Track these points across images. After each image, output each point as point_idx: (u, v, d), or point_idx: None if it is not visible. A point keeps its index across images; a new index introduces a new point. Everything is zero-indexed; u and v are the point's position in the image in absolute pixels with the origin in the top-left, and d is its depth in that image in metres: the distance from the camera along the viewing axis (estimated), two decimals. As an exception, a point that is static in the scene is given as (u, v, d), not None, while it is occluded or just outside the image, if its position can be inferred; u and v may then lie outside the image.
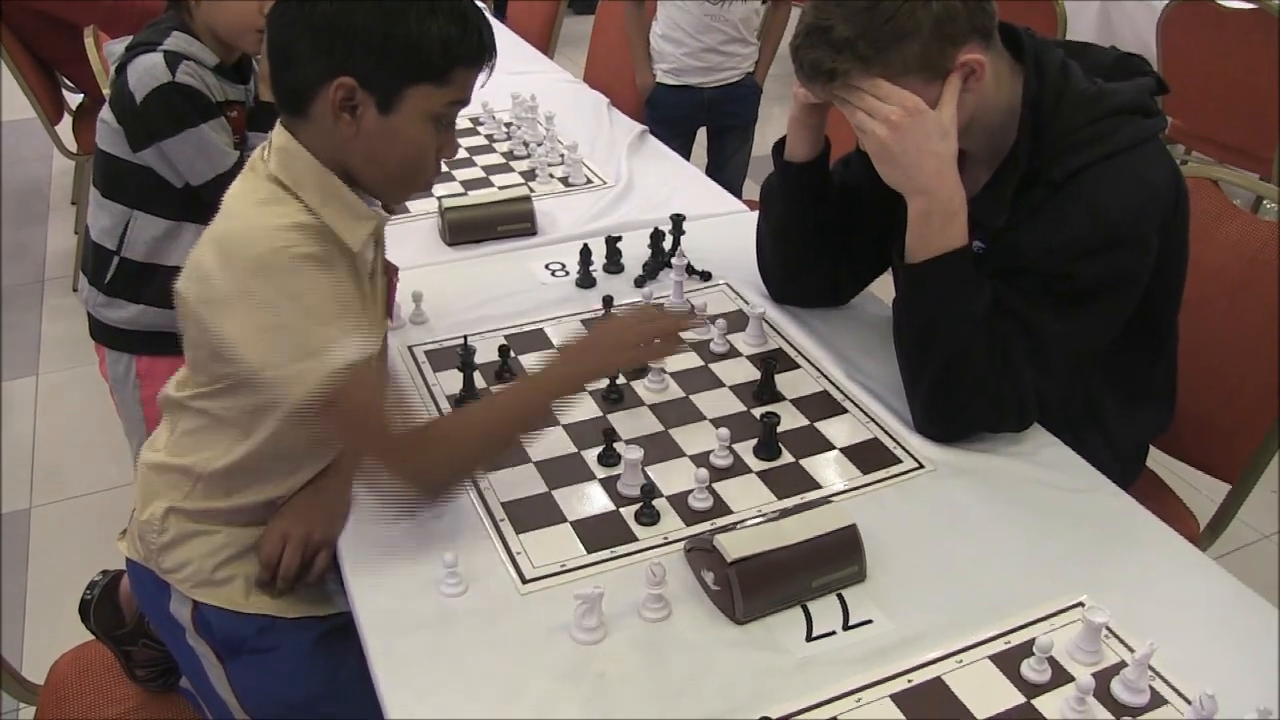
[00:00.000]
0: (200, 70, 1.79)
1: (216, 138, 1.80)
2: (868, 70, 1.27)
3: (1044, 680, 1.04)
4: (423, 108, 1.14)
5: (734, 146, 3.08)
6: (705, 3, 2.82)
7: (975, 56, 1.27)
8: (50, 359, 3.13)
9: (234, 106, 1.86)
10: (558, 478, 1.32)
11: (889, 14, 1.24)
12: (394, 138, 1.14)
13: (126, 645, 1.44)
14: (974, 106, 1.32)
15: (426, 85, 1.13)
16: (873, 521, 1.22)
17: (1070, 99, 1.32)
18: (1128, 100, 1.33)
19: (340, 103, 1.11)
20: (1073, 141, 1.31)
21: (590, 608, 1.09)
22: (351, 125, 1.13)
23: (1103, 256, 1.30)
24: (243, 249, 1.10)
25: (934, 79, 1.28)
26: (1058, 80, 1.33)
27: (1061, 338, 1.34)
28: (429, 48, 1.11)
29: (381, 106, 1.12)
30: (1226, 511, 1.72)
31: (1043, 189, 1.33)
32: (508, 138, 2.36)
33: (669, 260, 1.76)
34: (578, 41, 3.62)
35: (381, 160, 1.17)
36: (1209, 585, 1.18)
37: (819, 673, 1.06)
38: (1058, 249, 1.31)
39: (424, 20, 1.10)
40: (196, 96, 1.78)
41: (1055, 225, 1.31)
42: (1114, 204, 1.29)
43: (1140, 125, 1.33)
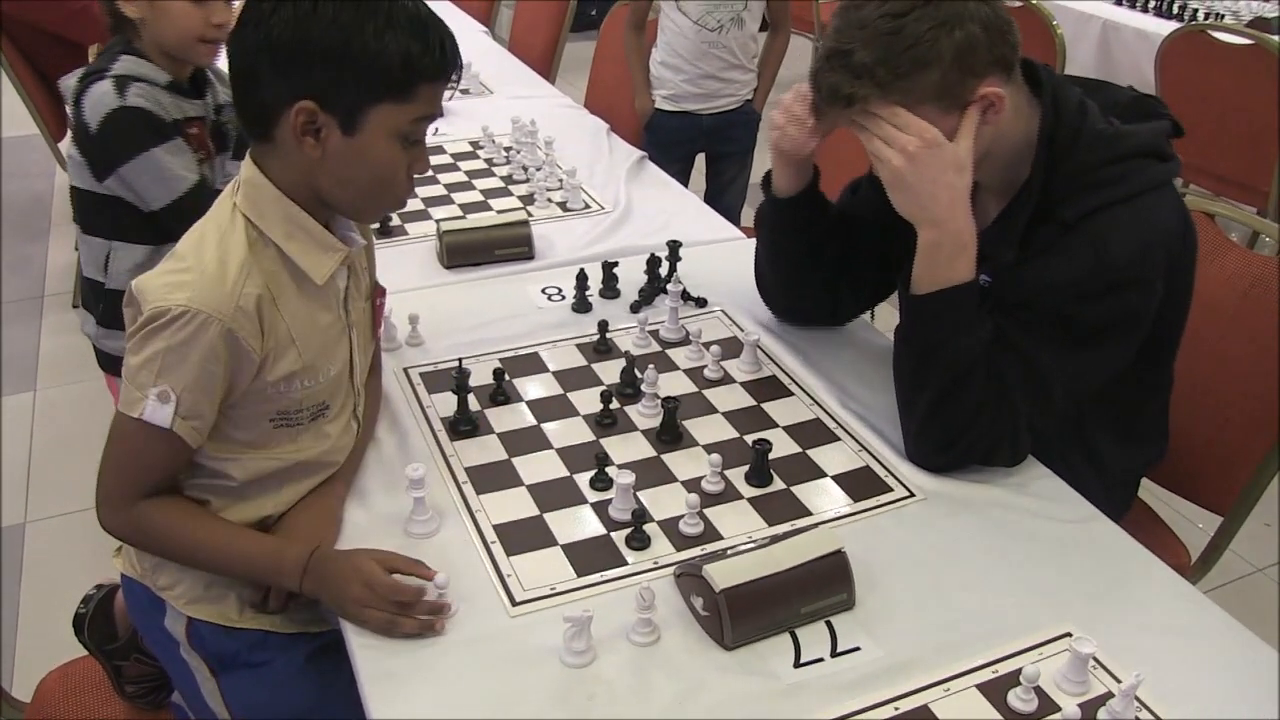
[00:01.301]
0: (152, 90, 1.77)
1: (171, 161, 1.78)
2: (886, 97, 1.27)
3: (1031, 710, 1.04)
4: (388, 126, 1.13)
5: (732, 173, 3.10)
6: (704, 30, 2.85)
7: (995, 90, 1.27)
8: (48, 375, 3.14)
9: (194, 123, 1.84)
10: (549, 501, 1.32)
11: (910, 41, 1.23)
12: (361, 158, 1.14)
13: (118, 660, 1.44)
14: (990, 139, 1.31)
15: (389, 103, 1.11)
16: (863, 549, 1.22)
17: (1087, 138, 1.32)
18: (1144, 143, 1.33)
19: (302, 126, 1.10)
20: (1086, 182, 1.31)
21: (579, 630, 1.09)
22: (316, 148, 1.12)
23: (1106, 298, 1.30)
24: (146, 290, 1.12)
25: (952, 109, 1.28)
26: (1075, 118, 1.33)
27: (1061, 376, 1.34)
28: (388, 64, 1.09)
29: (345, 127, 1.12)
30: (1218, 543, 1.72)
31: (1054, 228, 1.33)
32: (507, 162, 2.37)
33: (665, 286, 1.77)
34: (579, 66, 3.65)
35: (350, 181, 1.16)
36: (1197, 617, 1.19)
37: (807, 699, 1.06)
38: (1062, 288, 1.31)
39: (381, 36, 1.08)
40: (148, 118, 1.76)
41: (1061, 264, 1.31)
42: (1120, 247, 1.29)
43: (1155, 170, 1.33)
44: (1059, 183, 1.33)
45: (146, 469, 1.17)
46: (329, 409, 1.28)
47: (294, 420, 1.24)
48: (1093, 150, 1.32)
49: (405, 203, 1.26)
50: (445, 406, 1.48)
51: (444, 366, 1.57)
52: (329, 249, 1.21)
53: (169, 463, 1.18)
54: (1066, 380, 1.35)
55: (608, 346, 1.65)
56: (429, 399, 1.51)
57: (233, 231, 1.15)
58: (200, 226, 1.18)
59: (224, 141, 1.91)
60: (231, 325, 1.11)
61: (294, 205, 1.17)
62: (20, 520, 2.55)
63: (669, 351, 1.65)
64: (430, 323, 1.67)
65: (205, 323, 1.10)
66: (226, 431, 1.21)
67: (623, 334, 1.68)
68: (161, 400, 1.11)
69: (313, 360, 1.22)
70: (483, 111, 2.62)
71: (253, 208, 1.16)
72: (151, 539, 1.22)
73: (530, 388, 1.55)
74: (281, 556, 1.19)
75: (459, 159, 2.40)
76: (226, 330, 1.11)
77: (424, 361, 1.60)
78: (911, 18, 1.23)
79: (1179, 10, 4.10)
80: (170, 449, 1.15)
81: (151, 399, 1.11)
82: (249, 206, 1.16)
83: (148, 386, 1.11)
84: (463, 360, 1.52)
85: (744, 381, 1.58)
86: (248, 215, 1.16)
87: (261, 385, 1.18)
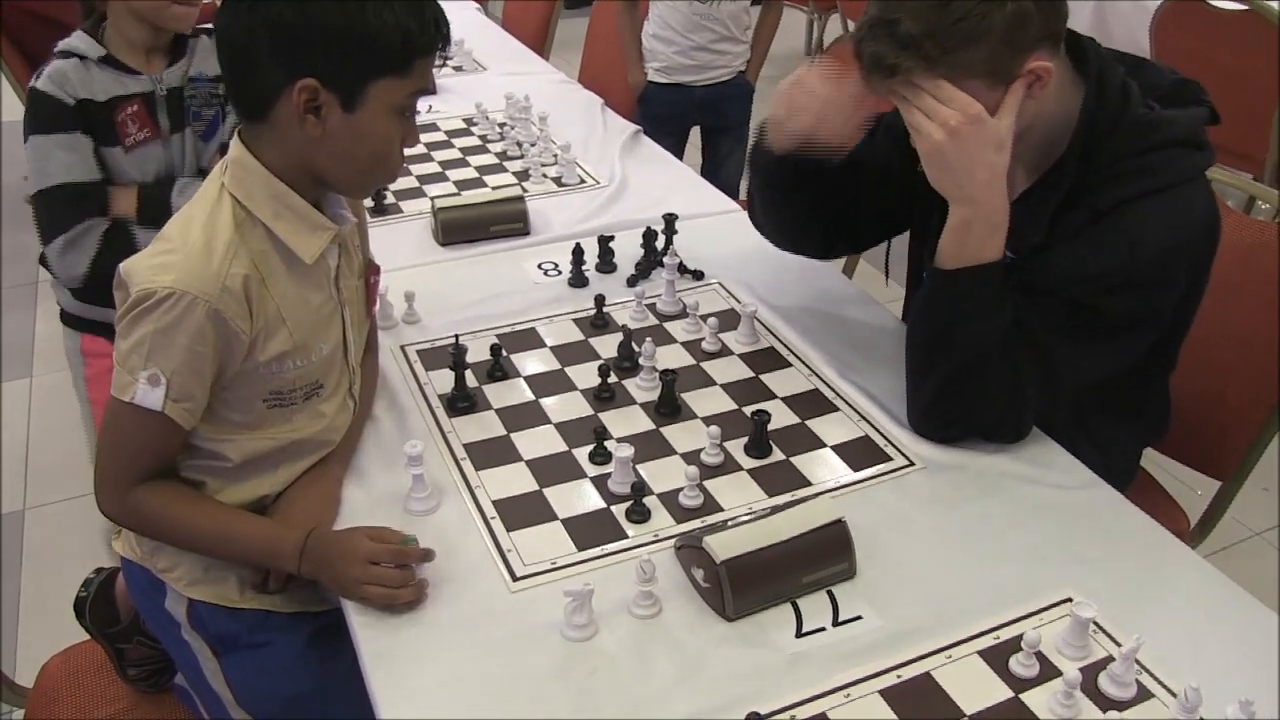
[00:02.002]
0: (81, 68, 1.72)
1: (56, 154, 1.71)
2: (931, 70, 1.22)
3: (1032, 675, 1.04)
4: (387, 101, 1.13)
5: (728, 148, 3.09)
6: (695, 1, 2.83)
7: (1043, 64, 1.23)
8: (45, 361, 3.13)
9: (132, 101, 1.77)
10: (548, 476, 1.32)
11: (960, 14, 1.18)
12: (361, 133, 1.14)
13: (120, 643, 1.44)
14: (1032, 115, 1.28)
15: (389, 78, 1.12)
16: (863, 518, 1.22)
17: (1127, 124, 1.29)
18: (1182, 131, 1.30)
19: (304, 105, 1.10)
20: (1121, 169, 1.29)
21: (580, 605, 1.09)
22: (317, 126, 1.12)
23: (1130, 294, 1.29)
24: (138, 282, 1.11)
25: (998, 84, 1.23)
26: (1117, 102, 1.30)
27: (1074, 365, 1.33)
28: (389, 41, 1.10)
29: (346, 104, 1.12)
30: (1217, 508, 1.73)
31: (1084, 213, 1.30)
32: (501, 138, 2.36)
33: (661, 259, 1.76)
34: (573, 43, 3.63)
35: (350, 157, 1.16)
36: (1196, 581, 1.19)
37: (808, 669, 1.06)
38: (1088, 280, 1.29)
39: (381, 14, 1.09)
40: (46, 103, 1.70)
41: (1090, 254, 1.29)
42: (1152, 242, 1.27)
43: (1190, 160, 1.30)
44: (1094, 168, 1.29)
45: (141, 452, 1.17)
46: (323, 388, 1.28)
47: (288, 400, 1.23)
48: (1132, 136, 1.29)
49: (398, 176, 1.26)
50: (443, 383, 1.48)
51: (441, 344, 1.57)
52: (318, 228, 1.20)
53: (163, 445, 1.18)
54: (1078, 371, 1.34)
55: (605, 321, 1.64)
56: (426, 376, 1.51)
57: (220, 212, 1.15)
58: (188, 208, 1.18)
59: (185, 117, 1.85)
60: (218, 306, 1.11)
61: (282, 185, 1.16)
62: (19, 507, 2.55)
63: (666, 325, 1.65)
64: (427, 300, 1.66)
65: (191, 304, 1.09)
66: (221, 413, 1.21)
67: (620, 308, 1.68)
68: (152, 383, 1.11)
69: (304, 339, 1.21)
70: (476, 88, 2.61)
71: (240, 188, 1.16)
72: (149, 524, 1.22)
73: (528, 363, 1.55)
74: (279, 540, 1.19)
75: (453, 136, 2.38)
76: (213, 311, 1.10)
77: (421, 339, 1.60)
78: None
79: (1174, -24, 4.07)
80: (163, 431, 1.15)
81: (142, 382, 1.11)
82: (236, 187, 1.16)
83: (138, 370, 1.11)
84: (460, 337, 1.52)
85: (742, 353, 1.57)
86: (235, 195, 1.16)
87: (254, 365, 1.18)
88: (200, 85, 1.86)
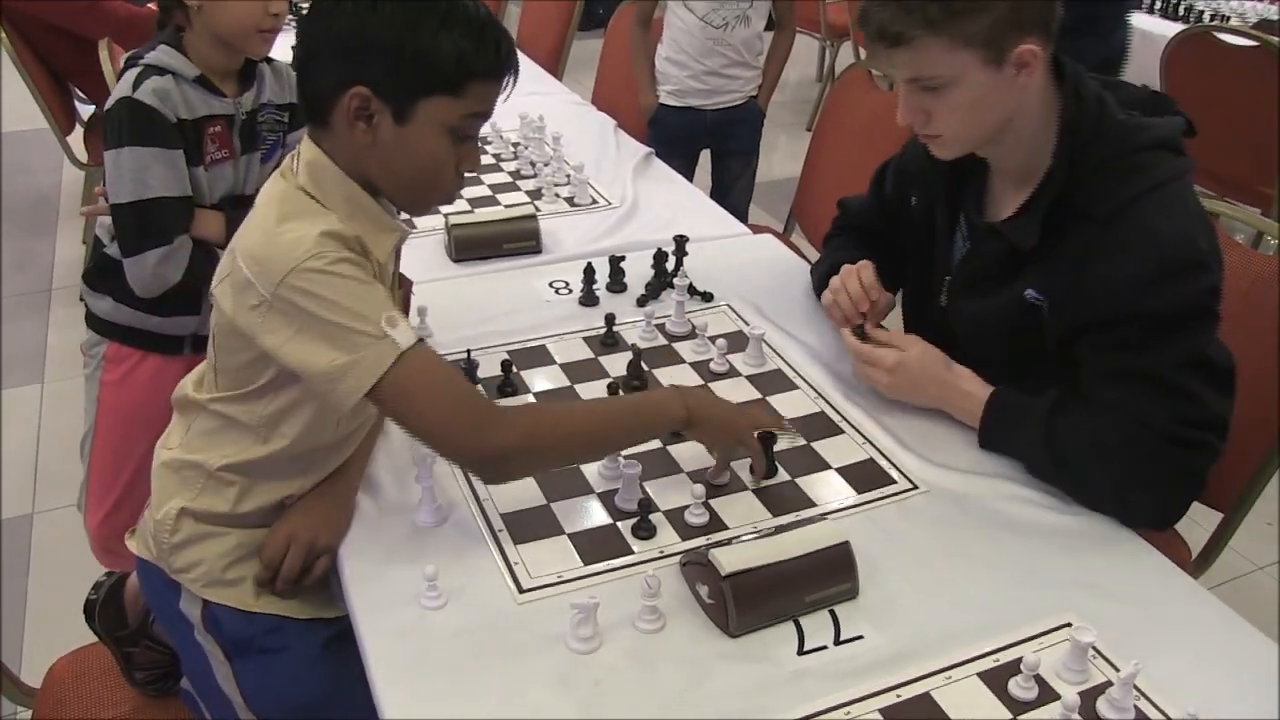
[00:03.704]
0: (177, 85, 1.75)
1: (154, 167, 1.73)
2: (935, 35, 1.26)
3: (1031, 698, 1.05)
4: (438, 119, 1.16)
5: (737, 171, 3.11)
6: (709, 27, 2.86)
7: (1032, 48, 1.27)
8: (56, 367, 3.16)
9: (217, 121, 1.81)
10: (556, 490, 1.33)
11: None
12: (409, 148, 1.17)
13: (128, 647, 1.45)
14: (1014, 106, 1.33)
15: (441, 96, 1.15)
16: (867, 539, 1.23)
17: (1107, 128, 1.33)
18: (1163, 135, 1.33)
19: (356, 111, 1.14)
20: (1110, 171, 1.32)
21: (586, 617, 1.10)
22: (368, 134, 1.15)
23: (1167, 288, 1.28)
24: (281, 259, 1.11)
25: (991, 62, 1.28)
26: (1094, 107, 1.34)
27: (1178, 363, 1.30)
28: (442, 60, 1.13)
29: (397, 116, 1.15)
30: (1219, 540, 1.73)
31: (1089, 225, 1.32)
32: (515, 157, 2.39)
33: (671, 280, 1.78)
34: (586, 64, 3.66)
35: (397, 170, 1.19)
36: (1196, 609, 1.20)
37: (809, 685, 1.07)
38: (1121, 288, 1.29)
39: (437, 33, 1.12)
40: (151, 116, 1.72)
41: (1112, 263, 1.30)
42: (1166, 234, 1.28)
43: (1175, 163, 1.33)
44: (1082, 172, 1.33)
45: (456, 380, 1.19)
46: None
47: None
48: (1113, 140, 1.32)
49: (454, 198, 1.28)
50: (453, 397, 1.49)
51: (452, 358, 1.58)
52: (387, 229, 1.23)
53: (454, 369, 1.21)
54: (1189, 365, 1.30)
55: (614, 339, 1.66)
56: (437, 390, 1.52)
57: (304, 206, 1.17)
58: (269, 208, 1.18)
59: (255, 140, 1.89)
60: (354, 251, 1.16)
61: (355, 185, 1.19)
62: (28, 511, 2.57)
63: (675, 345, 1.66)
64: (439, 315, 1.68)
65: (348, 250, 1.14)
66: (307, 402, 1.23)
67: (629, 327, 1.70)
68: (390, 325, 1.12)
69: None
70: (491, 108, 2.63)
71: (316, 186, 1.18)
72: (543, 433, 1.22)
73: (538, 379, 1.56)
74: (658, 398, 1.34)
75: (468, 154, 2.41)
76: (358, 256, 1.16)
77: (432, 353, 1.61)
78: None
79: (1184, 12, 4.11)
80: (437, 357, 1.18)
81: (393, 332, 1.12)
82: (313, 186, 1.18)
83: (376, 322, 1.12)
84: (471, 352, 1.54)
85: (749, 375, 1.59)
86: (311, 194, 1.18)
87: None
88: (269, 111, 1.91)
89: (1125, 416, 1.30)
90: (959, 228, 1.53)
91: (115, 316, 1.89)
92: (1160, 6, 4.17)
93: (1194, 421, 1.30)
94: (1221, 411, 1.33)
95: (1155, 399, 1.30)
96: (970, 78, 1.29)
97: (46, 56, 3.32)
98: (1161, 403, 1.29)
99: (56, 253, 3.86)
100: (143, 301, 1.81)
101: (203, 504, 1.26)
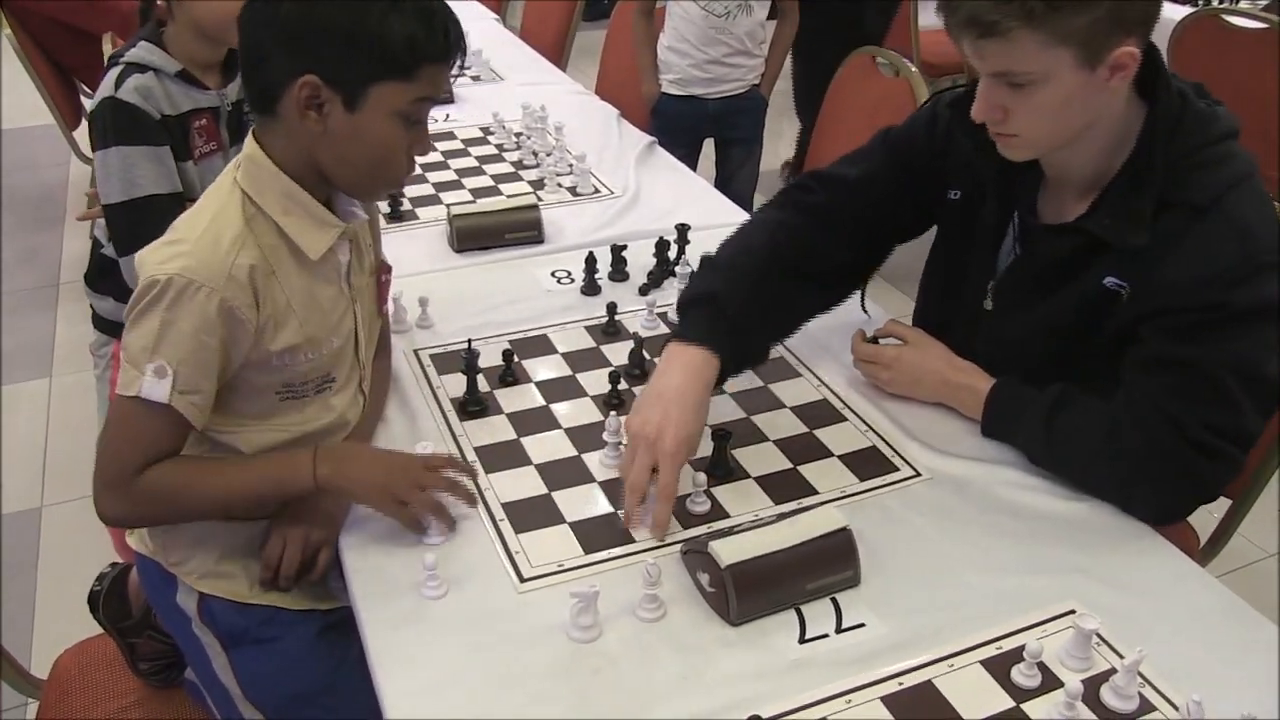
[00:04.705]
0: (158, 81, 1.75)
1: (143, 165, 1.73)
2: (1031, 29, 1.16)
3: (1034, 685, 1.05)
4: (389, 104, 1.15)
5: (740, 159, 3.11)
6: (711, 16, 2.85)
7: (1131, 50, 1.20)
8: (63, 362, 3.17)
9: (202, 114, 1.81)
10: (558, 480, 1.33)
11: None
12: (361, 135, 1.16)
13: (131, 637, 1.46)
14: (1102, 109, 1.26)
15: (392, 82, 1.14)
16: (869, 527, 1.23)
17: (1190, 117, 1.27)
18: (1234, 125, 1.29)
19: (306, 101, 1.13)
20: (1199, 160, 1.26)
21: (586, 606, 1.10)
22: (319, 123, 1.14)
23: (1252, 282, 1.23)
24: (142, 263, 1.13)
25: (1085, 62, 1.19)
26: (1178, 101, 1.28)
27: (1229, 364, 1.24)
28: (392, 45, 1.11)
29: (347, 104, 1.14)
30: (1227, 527, 1.72)
31: (1182, 213, 1.25)
32: (517, 147, 2.38)
33: (673, 269, 1.78)
34: (590, 54, 3.66)
35: (351, 158, 1.18)
36: (1201, 596, 1.19)
37: (811, 674, 1.07)
38: (1209, 280, 1.23)
39: (386, 18, 1.11)
40: (133, 114, 1.73)
41: (1203, 255, 1.23)
42: (1260, 227, 1.24)
43: (1247, 155, 1.28)
44: (1168, 161, 1.26)
45: (146, 449, 1.16)
46: (334, 381, 1.30)
47: (299, 392, 1.26)
48: (1195, 131, 1.27)
49: (403, 182, 1.28)
50: (455, 387, 1.49)
51: (454, 348, 1.58)
52: (325, 225, 1.22)
53: (168, 441, 1.17)
54: (1237, 368, 1.24)
55: (616, 328, 1.66)
56: (439, 380, 1.52)
57: (230, 205, 1.17)
58: (200, 203, 1.20)
59: (243, 131, 1.88)
60: (225, 294, 1.12)
61: (291, 182, 1.19)
62: (36, 505, 2.58)
63: (677, 334, 1.66)
64: (440, 305, 1.68)
65: (197, 291, 1.11)
66: (233, 404, 1.22)
67: (631, 316, 1.69)
68: (158, 375, 1.12)
69: (314, 332, 1.23)
70: (494, 98, 2.63)
71: (251, 184, 1.18)
72: (159, 506, 1.20)
73: (539, 369, 1.56)
74: (290, 463, 1.22)
75: (470, 144, 2.41)
76: (220, 300, 1.12)
77: (434, 343, 1.61)
78: None
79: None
80: (169, 425, 1.15)
81: (149, 375, 1.12)
82: (248, 182, 1.18)
83: (144, 362, 1.12)
84: (472, 341, 1.53)
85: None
86: (246, 190, 1.18)
87: (265, 356, 1.20)
88: None
89: (1155, 412, 1.25)
90: (1011, 229, 1.45)
91: (118, 315, 1.88)
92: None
93: (1224, 430, 1.25)
94: (1254, 428, 1.27)
95: (1193, 396, 1.24)
96: (1062, 77, 1.20)
97: (52, 52, 3.33)
98: (1198, 402, 1.24)
99: (64, 247, 3.87)
100: None
101: None
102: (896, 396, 1.49)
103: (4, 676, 1.39)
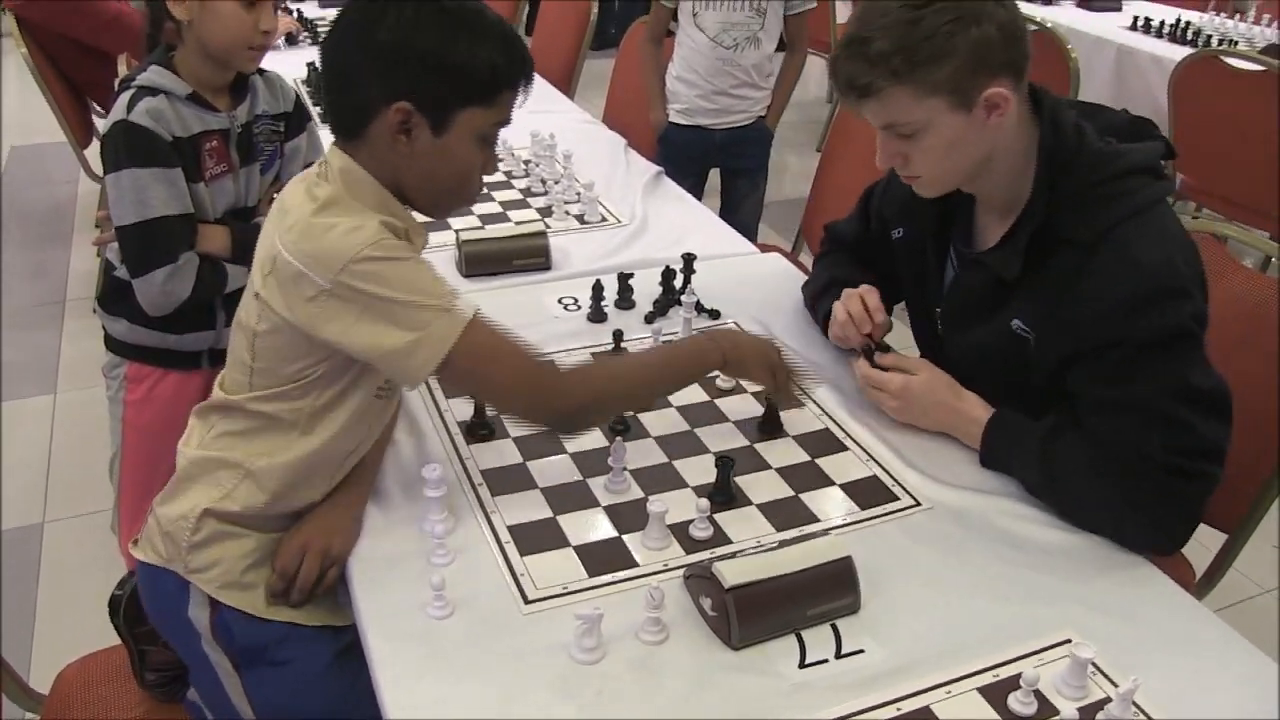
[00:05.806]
0: (170, 104, 1.76)
1: (155, 187, 1.73)
2: (900, 85, 1.29)
3: (1030, 713, 1.06)
4: (472, 128, 1.21)
5: (745, 190, 3.13)
6: (719, 47, 2.89)
7: (1001, 90, 1.30)
8: (69, 378, 3.19)
9: (212, 136, 1.83)
10: (563, 504, 1.35)
11: (928, 32, 1.26)
12: (446, 157, 1.22)
13: (145, 644, 1.45)
14: (991, 143, 1.35)
15: (476, 107, 1.20)
16: (869, 555, 1.24)
17: (1085, 156, 1.34)
18: (1140, 161, 1.35)
19: (398, 125, 1.18)
20: (1090, 198, 1.33)
21: (590, 628, 1.11)
22: (407, 146, 1.20)
23: (1151, 312, 1.28)
24: (340, 249, 1.15)
25: (960, 106, 1.30)
26: (1073, 137, 1.35)
27: (1165, 391, 1.29)
28: (479, 73, 1.18)
29: (435, 128, 1.20)
30: (1223, 561, 1.74)
31: (1071, 251, 1.33)
32: (526, 175, 2.41)
33: (679, 298, 1.80)
34: (598, 83, 3.69)
35: (434, 178, 1.24)
36: (1196, 627, 1.21)
37: (810, 698, 1.08)
38: (1107, 314, 1.30)
39: (474, 47, 1.18)
40: (146, 137, 1.73)
41: (1096, 289, 1.31)
42: (1148, 258, 1.29)
43: (1154, 187, 1.34)
44: (1062, 200, 1.34)
45: (517, 345, 1.24)
46: (394, 391, 1.38)
47: (389, 394, 1.34)
48: (1093, 167, 1.34)
49: (475, 200, 1.36)
50: (462, 411, 1.51)
51: (461, 372, 1.60)
52: (417, 232, 1.28)
53: (511, 338, 1.24)
54: (1173, 392, 1.29)
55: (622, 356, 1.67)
56: (446, 403, 1.54)
57: (347, 202, 1.21)
58: (299, 209, 1.21)
59: (253, 152, 1.92)
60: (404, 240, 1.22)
61: (388, 193, 1.24)
62: (39, 520, 2.59)
63: (682, 361, 1.68)
64: (448, 329, 1.70)
65: (395, 236, 1.20)
66: (349, 400, 1.28)
67: (637, 344, 1.71)
68: (453, 298, 1.19)
69: None
70: (502, 125, 2.66)
71: (352, 193, 1.22)
72: (602, 392, 1.30)
73: (545, 394, 1.58)
74: (696, 344, 1.40)
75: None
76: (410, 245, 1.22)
77: (441, 367, 1.63)
78: (932, 10, 1.27)
79: (1193, 36, 4.13)
80: (492, 329, 1.22)
81: (456, 304, 1.18)
82: (348, 191, 1.22)
83: (439, 296, 1.18)
84: (480, 366, 1.55)
85: (755, 391, 1.60)
86: (348, 193, 1.22)
87: None
88: (264, 122, 1.93)
89: (1120, 447, 1.30)
90: (949, 258, 1.56)
91: (132, 337, 1.91)
92: (1169, 31, 4.19)
93: (1187, 450, 1.30)
94: (1215, 438, 1.33)
95: (1146, 429, 1.29)
96: (942, 121, 1.31)
97: (66, 70, 3.36)
98: (1153, 432, 1.29)
99: (71, 264, 3.89)
100: (157, 321, 1.83)
101: (230, 504, 1.27)
102: (898, 426, 1.51)
103: (5, 691, 1.40)
